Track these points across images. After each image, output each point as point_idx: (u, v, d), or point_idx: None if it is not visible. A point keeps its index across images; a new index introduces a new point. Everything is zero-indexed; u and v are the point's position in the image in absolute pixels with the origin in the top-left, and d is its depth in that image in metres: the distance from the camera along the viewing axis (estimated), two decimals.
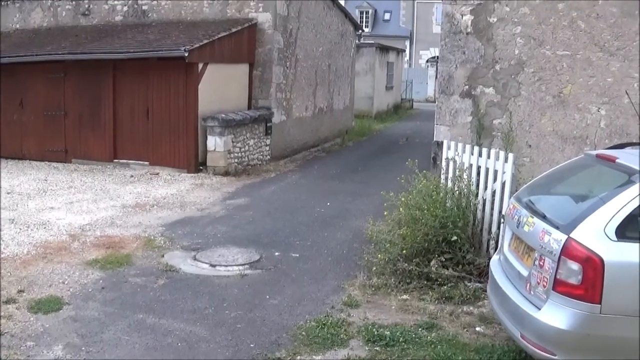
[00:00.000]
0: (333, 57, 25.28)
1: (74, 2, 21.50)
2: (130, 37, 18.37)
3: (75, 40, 19.24)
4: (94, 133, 18.22)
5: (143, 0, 20.28)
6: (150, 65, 17.02)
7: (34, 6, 22.32)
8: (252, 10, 18.84)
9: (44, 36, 20.77)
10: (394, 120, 36.09)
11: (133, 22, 20.29)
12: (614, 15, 9.89)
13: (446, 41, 11.06)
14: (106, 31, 19.82)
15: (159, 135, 17.25)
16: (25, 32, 22.00)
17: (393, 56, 39.97)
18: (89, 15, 21.18)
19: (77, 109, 18.49)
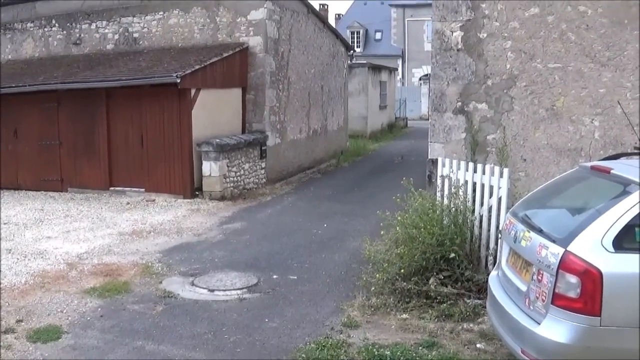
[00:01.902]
0: (325, 78, 25.33)
1: (65, 31, 21.60)
2: (122, 65, 18.41)
3: (67, 70, 19.31)
4: (89, 161, 18.22)
5: (134, 28, 20.36)
6: (143, 92, 17.05)
7: (26, 36, 22.44)
8: (243, 34, 18.90)
9: (37, 66, 20.87)
10: (388, 139, 36.11)
11: (124, 50, 20.39)
12: (604, 25, 9.92)
13: (437, 58, 11.08)
14: (98, 59, 19.89)
15: (154, 162, 17.24)
16: (18, 62, 22.14)
17: (385, 75, 40.05)
18: (81, 44, 21.27)
19: (71, 138, 18.51)
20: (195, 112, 16.89)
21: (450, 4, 10.92)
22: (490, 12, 10.66)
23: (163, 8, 19.90)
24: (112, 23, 20.76)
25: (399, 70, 58.29)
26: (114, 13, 20.71)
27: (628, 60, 9.80)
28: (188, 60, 17.47)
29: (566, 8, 10.15)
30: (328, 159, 25.58)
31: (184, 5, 19.58)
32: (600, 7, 9.96)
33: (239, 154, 17.63)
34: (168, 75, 16.11)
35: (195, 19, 19.48)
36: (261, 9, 18.74)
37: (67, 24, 21.61)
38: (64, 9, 21.71)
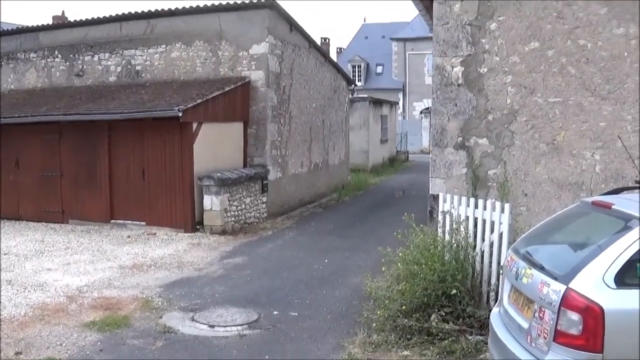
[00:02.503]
0: (327, 112, 25.39)
1: (67, 62, 21.72)
2: (125, 98, 18.46)
3: (69, 101, 19.37)
4: (90, 194, 18.24)
5: (136, 61, 20.46)
6: (145, 125, 17.09)
7: (28, 67, 22.56)
8: (245, 68, 18.97)
9: (39, 97, 20.97)
10: (390, 173, 36.12)
11: (127, 83, 20.48)
12: (604, 58, 9.96)
13: (438, 94, 11.11)
14: (100, 91, 19.97)
15: (155, 195, 17.25)
16: (20, 92, 22.27)
17: (387, 109, 40.16)
18: (83, 76, 21.38)
19: (72, 170, 18.56)
20: (197, 145, 16.92)
21: (451, 39, 10.97)
22: (490, 47, 10.70)
23: (166, 41, 20.01)
24: (114, 55, 20.87)
25: (400, 103, 58.47)
26: (117, 45, 20.84)
27: (628, 93, 9.82)
28: (190, 93, 17.51)
29: (566, 42, 10.19)
30: (329, 193, 25.59)
31: (187, 38, 19.68)
32: (600, 41, 10.00)
33: (240, 188, 17.63)
34: (170, 109, 16.14)
35: (197, 52, 19.57)
36: (263, 43, 18.83)
37: (69, 55, 21.73)
38: (66, 40, 21.87)
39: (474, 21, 10.80)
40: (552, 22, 10.32)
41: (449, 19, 11.01)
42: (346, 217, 20.31)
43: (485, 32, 10.73)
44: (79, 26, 21.71)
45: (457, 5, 10.94)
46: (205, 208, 16.80)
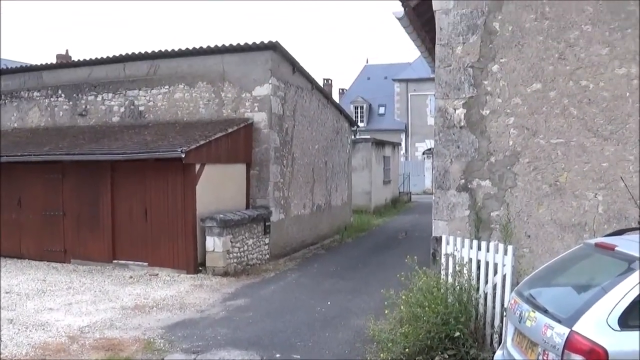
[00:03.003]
0: (329, 153, 25.44)
1: (71, 102, 21.85)
2: (128, 138, 18.51)
3: (72, 141, 19.42)
4: (93, 233, 18.23)
5: (139, 101, 20.56)
6: (148, 166, 17.12)
7: (32, 105, 22.71)
8: (248, 110, 19.04)
9: (42, 136, 21.05)
10: (392, 215, 36.08)
11: (130, 123, 20.57)
12: (606, 99, 10.01)
13: (440, 136, 11.14)
14: (103, 132, 20.04)
15: (158, 236, 17.23)
16: (23, 131, 22.39)
17: (389, 150, 40.22)
18: (86, 116, 21.48)
19: (75, 209, 18.57)
20: (200, 187, 16.93)
21: (453, 82, 11.03)
22: (492, 89, 10.76)
23: (169, 82, 20.12)
24: (118, 95, 20.98)
25: (402, 144, 58.62)
26: (120, 86, 20.95)
27: (630, 134, 9.86)
28: (193, 135, 17.56)
29: (568, 83, 10.26)
30: (332, 235, 25.54)
31: (190, 79, 19.79)
32: (602, 81, 10.07)
33: (243, 230, 17.61)
34: (173, 150, 16.16)
35: (200, 93, 19.66)
36: (266, 84, 18.91)
37: (73, 94, 21.86)
38: (70, 79, 22.02)
39: (476, 63, 10.87)
40: (554, 63, 10.39)
41: (451, 61, 11.09)
42: (349, 259, 20.25)
43: (487, 74, 10.80)
44: (82, 66, 21.87)
45: (459, 48, 11.02)
46: (207, 249, 16.76)
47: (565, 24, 10.37)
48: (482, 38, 10.88)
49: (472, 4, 11.01)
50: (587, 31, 10.24)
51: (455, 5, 11.14)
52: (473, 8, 10.99)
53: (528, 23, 10.62)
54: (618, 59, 10.01)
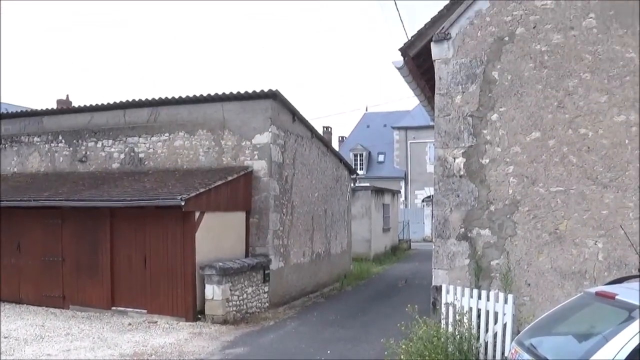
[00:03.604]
0: (329, 201, 25.45)
1: (71, 148, 21.91)
2: (127, 185, 18.54)
3: (72, 187, 19.45)
4: (92, 280, 18.16)
5: (139, 148, 20.60)
6: (147, 213, 17.13)
7: (32, 150, 22.76)
8: (248, 158, 19.08)
9: (42, 181, 21.07)
10: (392, 262, 35.99)
11: (130, 170, 20.60)
12: (605, 146, 10.07)
13: (440, 185, 11.17)
14: (103, 178, 20.07)
15: (157, 283, 17.16)
16: (23, 176, 22.43)
17: (389, 198, 40.26)
18: (86, 162, 21.53)
19: (74, 255, 18.53)
20: (199, 235, 16.92)
21: (452, 131, 11.09)
22: (492, 138, 10.82)
23: (169, 130, 20.19)
24: (118, 142, 21.04)
25: (401, 192, 58.66)
26: (120, 132, 21.02)
27: (630, 181, 9.91)
28: (193, 182, 17.59)
29: (567, 131, 10.32)
30: (331, 283, 25.45)
31: (190, 127, 19.87)
32: (601, 129, 10.14)
33: (242, 278, 17.55)
34: (173, 197, 16.18)
35: (200, 141, 19.72)
36: (266, 133, 18.98)
37: (73, 140, 21.93)
38: (70, 125, 22.10)
39: (476, 112, 10.94)
40: (553, 111, 10.47)
41: (451, 110, 11.17)
42: (348, 307, 20.17)
43: (486, 123, 10.87)
44: (83, 112, 21.97)
45: (458, 97, 11.10)
46: (206, 297, 16.70)
47: (564, 72, 10.48)
48: (481, 87, 10.96)
49: (471, 53, 11.12)
50: (586, 79, 10.33)
51: (455, 55, 11.25)
52: (472, 57, 11.10)
53: (527, 72, 10.72)
54: (617, 106, 10.10)
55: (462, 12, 11.32)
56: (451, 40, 11.37)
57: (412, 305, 9.52)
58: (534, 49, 10.77)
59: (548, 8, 10.75)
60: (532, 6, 10.85)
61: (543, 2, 10.78)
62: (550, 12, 10.73)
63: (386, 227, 39.53)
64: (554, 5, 10.71)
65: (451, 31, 11.39)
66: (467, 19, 11.29)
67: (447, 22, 11.41)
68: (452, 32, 11.38)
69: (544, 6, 10.77)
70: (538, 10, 10.81)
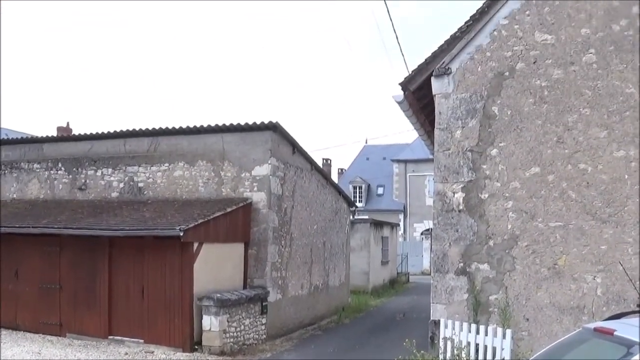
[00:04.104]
0: (328, 234, 25.42)
1: (70, 175, 21.91)
2: (127, 214, 18.53)
3: (71, 215, 19.44)
4: (89, 308, 18.09)
5: (139, 177, 20.62)
6: (146, 243, 17.11)
7: (31, 177, 22.76)
8: (247, 189, 19.09)
9: (41, 208, 21.05)
10: (390, 295, 35.88)
11: (129, 199, 20.58)
12: (604, 182, 10.10)
13: (439, 219, 11.18)
14: (102, 207, 20.06)
15: (154, 313, 17.10)
16: (22, 202, 22.39)
17: (387, 231, 40.23)
18: (86, 190, 21.51)
19: (72, 283, 18.47)
20: (197, 265, 16.89)
21: (452, 166, 11.13)
22: (491, 173, 10.85)
23: (169, 160, 20.22)
24: (117, 171, 21.05)
25: (400, 225, 58.63)
26: (120, 161, 21.04)
27: (629, 216, 9.92)
28: (191, 213, 17.59)
29: (566, 166, 10.36)
30: (329, 315, 25.35)
31: (190, 158, 19.89)
32: (601, 164, 10.17)
33: (240, 310, 17.50)
34: (171, 228, 16.18)
35: (200, 172, 19.74)
36: (265, 164, 19.00)
37: (73, 168, 21.93)
38: (70, 152, 22.12)
39: (475, 147, 10.98)
40: (552, 147, 10.50)
41: (450, 145, 11.20)
42: (346, 340, 20.08)
43: (486, 158, 10.90)
44: (83, 140, 22.01)
45: (458, 132, 11.14)
46: (204, 328, 16.64)
47: (564, 107, 10.52)
48: (481, 122, 11.01)
49: (471, 88, 11.18)
50: (586, 114, 10.38)
51: (455, 90, 11.31)
52: (472, 92, 11.15)
53: (527, 107, 10.77)
54: (616, 141, 10.13)
55: (462, 47, 11.39)
56: (451, 75, 11.43)
57: (410, 340, 9.51)
58: (534, 84, 10.83)
59: (548, 43, 10.82)
60: (532, 41, 10.93)
61: (543, 37, 10.86)
62: (550, 47, 10.80)
63: (385, 260, 39.45)
64: (554, 41, 10.79)
65: (451, 66, 11.45)
66: (468, 54, 11.36)
67: (448, 56, 11.48)
68: (453, 66, 11.44)
69: (544, 41, 10.84)
70: (538, 45, 10.88)
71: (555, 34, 10.80)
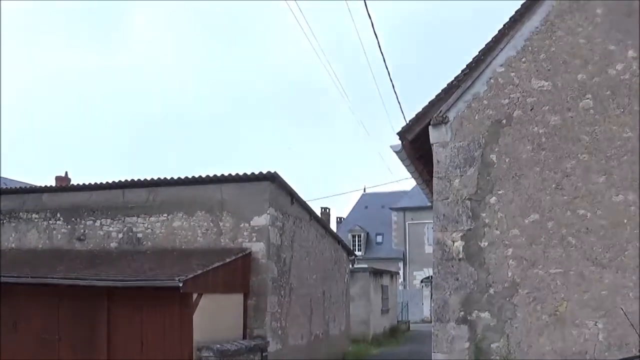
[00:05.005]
0: (327, 283, 25.35)
1: (69, 226, 21.84)
2: (125, 265, 18.48)
3: (70, 265, 19.35)
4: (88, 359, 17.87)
5: (138, 228, 20.57)
6: (145, 293, 16.98)
7: (30, 227, 22.66)
8: (246, 239, 19.05)
9: (40, 258, 20.94)
10: (391, 344, 35.67)
11: (128, 249, 20.50)
12: (604, 227, 10.08)
13: (439, 268, 11.14)
14: (101, 257, 19.98)
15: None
16: (21, 252, 22.28)
17: (387, 279, 40.19)
18: (84, 240, 21.43)
19: (71, 334, 18.22)
20: (197, 316, 16.78)
21: (451, 214, 11.11)
22: (490, 221, 10.83)
23: (167, 210, 20.20)
24: (116, 221, 21.00)
25: (400, 273, 58.51)
26: (119, 212, 21.00)
27: (629, 260, 9.89)
28: (191, 264, 17.53)
29: (566, 213, 10.34)
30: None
31: (188, 208, 19.88)
32: (600, 210, 10.15)
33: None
34: (170, 279, 16.10)
35: (198, 222, 19.71)
36: (264, 215, 18.99)
37: (71, 218, 21.87)
38: (69, 202, 22.07)
39: (474, 195, 10.97)
40: (551, 193, 10.50)
41: (449, 194, 11.20)
42: None
43: (485, 206, 10.89)
44: (82, 190, 22.00)
45: (456, 181, 11.15)
46: None
47: (562, 154, 10.54)
48: (479, 170, 11.01)
49: (469, 136, 11.20)
50: (584, 160, 10.39)
51: (453, 138, 11.32)
52: (470, 140, 11.17)
53: (525, 154, 10.78)
54: (615, 186, 10.13)
55: (459, 95, 11.42)
56: (449, 124, 11.45)
57: None
58: (532, 131, 10.84)
59: (545, 90, 10.86)
60: (528, 88, 10.97)
61: (540, 84, 10.90)
62: (547, 93, 10.83)
63: (385, 308, 39.35)
64: (550, 87, 10.82)
65: (449, 114, 11.47)
66: (465, 102, 11.39)
67: (445, 105, 11.51)
68: (450, 115, 11.47)
69: (541, 88, 10.88)
70: (535, 92, 10.92)
71: (552, 80, 10.84)
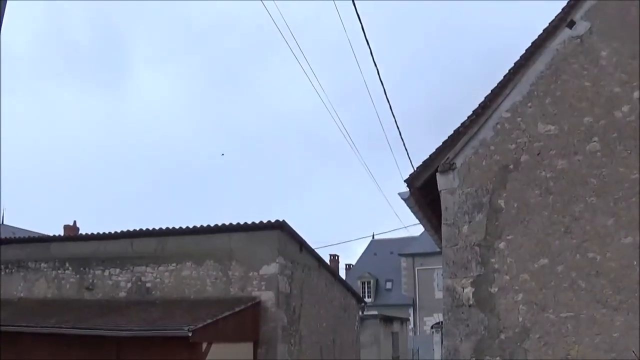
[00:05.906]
0: (337, 331, 25.20)
1: (78, 275, 21.82)
2: (134, 315, 18.42)
3: (79, 315, 19.26)
4: None
5: (146, 277, 20.54)
6: (154, 343, 16.89)
7: (39, 276, 22.62)
8: (255, 288, 19.00)
9: (48, 308, 20.84)
10: None
11: (137, 299, 20.44)
12: (614, 269, 10.04)
13: (449, 315, 11.09)
14: (110, 307, 19.91)
15: None
16: (29, 301, 22.18)
17: (397, 326, 40.02)
18: (93, 290, 21.38)
19: None
20: None
21: (460, 261, 11.08)
22: (500, 266, 10.80)
23: (176, 260, 20.18)
24: (125, 271, 20.97)
25: (410, 319, 58.15)
26: (127, 261, 20.99)
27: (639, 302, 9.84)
28: (200, 313, 17.47)
29: (575, 256, 10.31)
30: None
31: (197, 257, 19.86)
32: (609, 252, 10.12)
33: None
34: (180, 328, 16.05)
35: (207, 272, 19.68)
36: (273, 263, 18.97)
37: (80, 268, 21.85)
38: (78, 252, 22.09)
39: (483, 241, 10.95)
40: (560, 237, 10.48)
41: (458, 240, 11.18)
42: None
43: (494, 251, 10.86)
44: (90, 240, 22.07)
45: (465, 227, 11.13)
46: None
47: (570, 197, 10.53)
48: (487, 216, 11.00)
49: (477, 182, 11.20)
50: (592, 203, 10.38)
51: (461, 185, 11.33)
52: (478, 187, 11.18)
53: (533, 199, 10.78)
54: (624, 228, 10.11)
55: (466, 141, 11.45)
56: (456, 170, 11.46)
57: None
58: (539, 175, 10.85)
59: (552, 134, 10.87)
60: (535, 133, 10.99)
61: (546, 128, 10.92)
62: (554, 137, 10.85)
63: (395, 355, 39.12)
64: (557, 131, 10.84)
65: (456, 161, 11.49)
66: (472, 148, 11.41)
67: (452, 152, 11.53)
68: (457, 162, 11.48)
69: (548, 132, 10.90)
70: (542, 136, 10.94)
71: (558, 124, 10.86)
